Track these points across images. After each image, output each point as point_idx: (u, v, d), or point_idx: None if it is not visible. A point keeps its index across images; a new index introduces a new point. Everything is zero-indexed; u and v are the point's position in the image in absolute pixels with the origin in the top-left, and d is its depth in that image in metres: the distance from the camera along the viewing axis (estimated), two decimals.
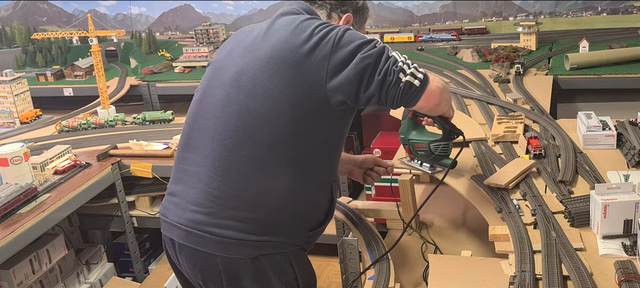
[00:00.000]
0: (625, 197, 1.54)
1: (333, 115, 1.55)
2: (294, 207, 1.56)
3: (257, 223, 1.52)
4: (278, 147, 1.51)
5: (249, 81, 1.53)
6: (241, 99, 1.53)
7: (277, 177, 1.52)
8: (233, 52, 1.62)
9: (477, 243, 1.94)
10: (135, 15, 5.20)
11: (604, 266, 1.45)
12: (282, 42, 1.52)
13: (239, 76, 1.55)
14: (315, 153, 1.57)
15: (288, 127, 1.50)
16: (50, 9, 5.42)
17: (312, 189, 1.60)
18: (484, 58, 3.70)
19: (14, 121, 3.87)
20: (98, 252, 3.24)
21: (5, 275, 2.55)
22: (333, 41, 1.50)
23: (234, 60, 1.59)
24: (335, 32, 1.51)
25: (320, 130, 1.55)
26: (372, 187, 3.68)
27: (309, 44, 1.50)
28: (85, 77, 4.49)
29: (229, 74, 1.58)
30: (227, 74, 1.58)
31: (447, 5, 4.47)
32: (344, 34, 1.52)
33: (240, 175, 1.51)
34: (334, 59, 1.48)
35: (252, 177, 1.51)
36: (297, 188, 1.55)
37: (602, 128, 2.12)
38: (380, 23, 4.65)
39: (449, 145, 1.88)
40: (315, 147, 1.56)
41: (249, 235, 1.51)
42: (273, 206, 1.53)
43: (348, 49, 1.49)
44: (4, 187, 2.46)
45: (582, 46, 3.42)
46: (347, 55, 1.49)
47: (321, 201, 1.64)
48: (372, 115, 4.02)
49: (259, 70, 1.52)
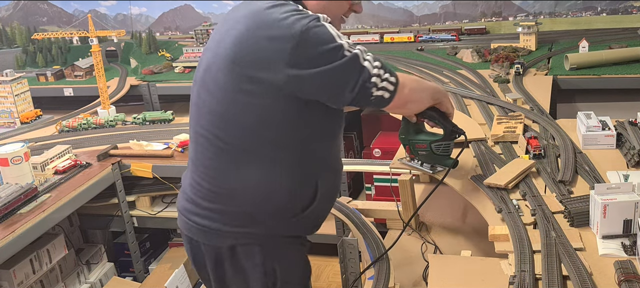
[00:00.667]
0: (625, 197, 1.54)
1: (296, 110, 1.49)
2: (268, 200, 1.54)
3: (231, 215, 1.55)
4: (244, 143, 1.51)
5: (211, 79, 1.51)
6: (205, 97, 1.54)
7: (246, 172, 1.52)
8: (208, 44, 1.61)
9: (477, 243, 1.94)
10: (136, 15, 5.20)
11: (603, 266, 1.45)
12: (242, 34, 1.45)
13: (204, 74, 1.55)
14: (284, 148, 1.52)
15: (253, 125, 1.48)
16: (51, 9, 5.42)
17: (286, 182, 1.54)
18: (483, 58, 3.71)
19: (14, 121, 3.87)
20: (98, 252, 3.24)
21: (6, 275, 2.56)
22: (295, 40, 1.38)
23: (206, 54, 1.58)
24: (300, 27, 1.38)
25: (283, 125, 1.50)
26: (372, 187, 3.69)
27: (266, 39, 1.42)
28: (85, 77, 4.49)
29: (199, 70, 1.59)
30: (198, 71, 1.60)
31: (446, 6, 4.48)
32: (309, 31, 1.38)
33: (212, 170, 1.55)
34: (293, 62, 1.39)
35: (223, 171, 1.54)
36: (268, 182, 1.52)
37: (601, 128, 2.12)
38: (380, 23, 4.66)
39: (451, 145, 1.88)
40: (282, 142, 1.51)
41: (224, 226, 1.56)
42: (245, 199, 1.54)
43: (313, 53, 1.39)
44: (5, 187, 2.46)
45: (582, 46, 3.42)
46: (312, 60, 1.39)
47: (299, 192, 1.57)
48: (372, 115, 4.03)
49: (220, 67, 1.49)
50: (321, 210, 1.64)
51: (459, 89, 3.05)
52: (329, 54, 1.40)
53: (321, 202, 1.61)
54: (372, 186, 3.68)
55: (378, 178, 3.59)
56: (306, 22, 1.39)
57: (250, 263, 1.59)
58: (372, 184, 3.67)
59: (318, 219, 1.67)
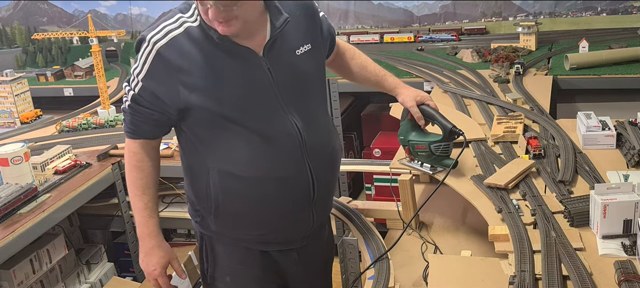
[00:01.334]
0: (625, 197, 1.54)
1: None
2: (193, 196, 1.71)
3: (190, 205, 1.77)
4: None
5: None
6: None
7: (184, 166, 1.71)
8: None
9: (477, 243, 1.94)
10: (136, 15, 5.20)
11: (603, 266, 1.45)
12: None
13: None
14: (185, 145, 1.67)
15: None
16: (51, 9, 5.42)
17: (196, 179, 1.67)
18: (483, 58, 3.71)
19: (14, 121, 3.87)
20: (98, 252, 3.24)
21: (6, 275, 2.55)
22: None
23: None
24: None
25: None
26: (372, 187, 3.69)
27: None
28: (85, 77, 4.49)
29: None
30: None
31: (446, 6, 4.48)
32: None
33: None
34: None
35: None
36: (188, 179, 1.71)
37: (601, 128, 2.12)
38: (380, 23, 4.66)
39: (450, 146, 1.88)
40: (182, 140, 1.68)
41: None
42: (187, 193, 1.75)
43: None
44: (5, 187, 2.46)
45: (582, 46, 3.42)
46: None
47: (206, 190, 1.65)
48: (372, 115, 4.03)
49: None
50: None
51: (459, 89, 3.05)
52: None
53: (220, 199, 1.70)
54: (372, 186, 3.69)
55: (378, 178, 3.59)
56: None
57: (203, 251, 1.85)
58: (372, 184, 3.68)
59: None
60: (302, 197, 1.66)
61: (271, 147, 1.57)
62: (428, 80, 3.38)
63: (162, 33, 1.48)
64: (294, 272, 1.81)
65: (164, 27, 1.49)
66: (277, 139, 1.57)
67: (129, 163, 1.64)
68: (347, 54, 1.90)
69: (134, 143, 1.62)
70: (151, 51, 1.47)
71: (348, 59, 1.91)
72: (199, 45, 1.48)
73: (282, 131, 1.58)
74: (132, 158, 1.63)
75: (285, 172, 1.60)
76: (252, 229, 1.70)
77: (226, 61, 1.50)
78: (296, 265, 1.79)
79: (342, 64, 1.91)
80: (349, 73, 1.93)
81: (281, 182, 1.61)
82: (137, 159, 1.63)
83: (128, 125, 1.61)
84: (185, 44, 1.48)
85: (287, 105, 1.58)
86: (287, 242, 1.75)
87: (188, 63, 1.47)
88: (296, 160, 1.61)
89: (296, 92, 1.60)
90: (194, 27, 1.49)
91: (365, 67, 1.91)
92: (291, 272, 1.81)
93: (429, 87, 3.35)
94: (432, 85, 3.31)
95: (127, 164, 1.65)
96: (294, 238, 1.75)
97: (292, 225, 1.72)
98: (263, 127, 1.56)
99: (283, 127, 1.57)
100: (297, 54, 1.59)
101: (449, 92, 3.05)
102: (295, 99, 1.59)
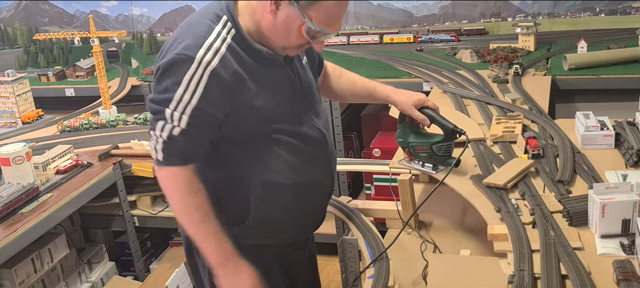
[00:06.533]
0: (623, 196, 1.55)
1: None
2: (217, 210, 1.59)
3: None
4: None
5: None
6: None
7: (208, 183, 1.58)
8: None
9: (476, 242, 1.95)
10: (137, 16, 5.21)
11: (602, 265, 1.46)
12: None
13: None
14: (215, 161, 1.61)
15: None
16: (52, 9, 5.43)
17: (229, 192, 1.62)
18: (482, 59, 3.72)
19: (16, 121, 3.88)
20: (99, 251, 3.26)
21: (7, 274, 2.57)
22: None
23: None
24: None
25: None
26: (372, 187, 3.70)
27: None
28: (86, 77, 4.50)
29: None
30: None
31: (446, 6, 4.49)
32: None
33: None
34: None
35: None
36: (215, 193, 1.58)
37: (600, 128, 2.13)
38: (380, 24, 4.67)
39: (452, 145, 1.89)
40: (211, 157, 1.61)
41: None
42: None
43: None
44: (6, 187, 2.47)
45: (581, 47, 3.43)
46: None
47: (241, 202, 1.62)
48: (372, 115, 4.04)
49: None
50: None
51: (458, 89, 3.06)
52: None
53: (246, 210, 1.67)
54: (372, 186, 3.70)
55: (378, 178, 3.60)
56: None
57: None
58: (372, 184, 3.68)
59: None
60: (325, 197, 1.79)
61: (307, 152, 1.63)
62: (427, 81, 3.40)
63: (211, 52, 1.42)
64: (301, 268, 1.87)
65: (209, 45, 1.43)
66: (312, 143, 1.65)
67: (182, 192, 1.51)
68: (335, 73, 1.96)
69: (184, 169, 1.49)
70: (203, 73, 1.41)
71: (336, 77, 1.96)
72: (241, 58, 1.47)
73: (312, 135, 1.65)
74: (186, 186, 1.51)
75: (317, 174, 1.70)
76: (282, 234, 1.73)
77: (266, 71, 1.52)
78: (305, 261, 1.88)
79: (332, 83, 1.96)
80: (340, 91, 1.97)
81: (313, 185, 1.70)
82: (192, 184, 1.51)
83: (176, 153, 1.48)
84: (232, 60, 1.45)
85: (309, 110, 1.66)
86: (304, 240, 1.85)
87: (239, 79, 1.46)
88: (323, 162, 1.70)
89: (311, 97, 1.68)
90: (233, 40, 1.47)
91: (355, 83, 1.95)
92: (299, 268, 1.86)
93: (428, 88, 3.36)
94: (432, 85, 3.32)
95: (178, 194, 1.52)
96: (309, 236, 1.88)
97: (313, 223, 1.81)
98: (299, 133, 1.61)
99: (312, 131, 1.65)
100: (303, 63, 1.68)
101: (448, 92, 3.06)
102: (312, 104, 1.68)
